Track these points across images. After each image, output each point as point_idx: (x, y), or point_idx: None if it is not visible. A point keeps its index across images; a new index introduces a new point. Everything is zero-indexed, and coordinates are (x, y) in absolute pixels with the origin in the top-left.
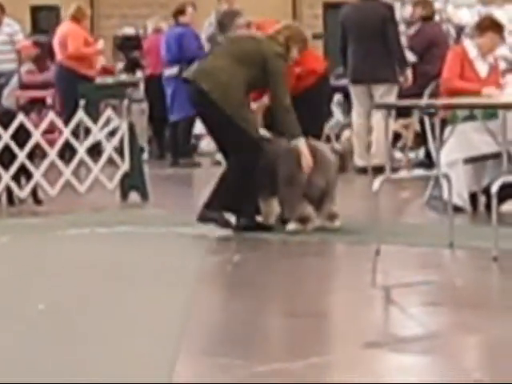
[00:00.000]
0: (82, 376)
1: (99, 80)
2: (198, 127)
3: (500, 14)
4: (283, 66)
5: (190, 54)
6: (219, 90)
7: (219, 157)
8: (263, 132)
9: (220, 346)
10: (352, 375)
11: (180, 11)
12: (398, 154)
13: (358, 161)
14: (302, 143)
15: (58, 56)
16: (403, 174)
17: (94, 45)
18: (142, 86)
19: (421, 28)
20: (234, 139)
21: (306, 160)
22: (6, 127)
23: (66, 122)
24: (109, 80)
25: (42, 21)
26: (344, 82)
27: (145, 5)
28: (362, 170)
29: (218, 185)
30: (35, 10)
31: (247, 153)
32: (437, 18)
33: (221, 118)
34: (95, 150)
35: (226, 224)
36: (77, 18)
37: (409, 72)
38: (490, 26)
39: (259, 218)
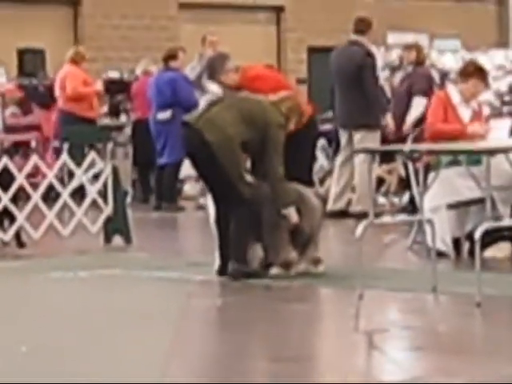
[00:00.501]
0: None
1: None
2: (183, 172)
3: (484, 59)
4: (283, 136)
5: (183, 99)
6: (223, 144)
7: (203, 201)
8: (247, 177)
9: None
10: None
11: (171, 56)
12: (381, 199)
13: (332, 204)
14: (292, 212)
15: (59, 101)
16: (387, 218)
17: (93, 85)
18: (127, 130)
19: (416, 71)
20: (228, 193)
21: (291, 220)
22: None
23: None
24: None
25: (28, 64)
26: (328, 126)
27: (129, 48)
28: (335, 214)
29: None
30: (22, 53)
31: (240, 207)
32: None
33: (217, 170)
34: (79, 194)
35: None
36: (75, 60)
37: (388, 117)
38: (473, 73)
39: None
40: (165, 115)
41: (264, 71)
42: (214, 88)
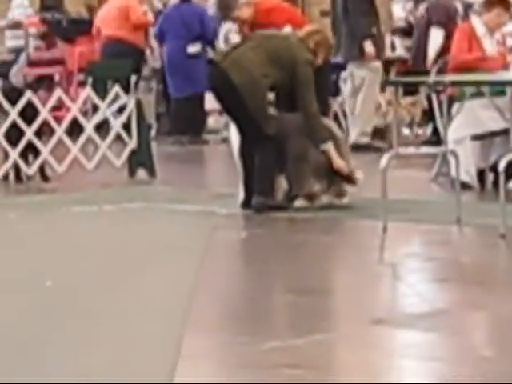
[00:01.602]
0: (86, 352)
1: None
2: (207, 105)
3: None
4: (311, 72)
5: (211, 31)
6: (248, 86)
7: (227, 134)
8: (271, 110)
9: (226, 323)
10: (357, 352)
11: None
12: (405, 131)
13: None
14: (330, 147)
15: (114, 30)
16: (411, 150)
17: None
18: (150, 63)
19: (437, 2)
20: (252, 129)
21: (337, 163)
22: (13, 104)
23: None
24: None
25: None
26: None
27: None
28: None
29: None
30: None
31: (264, 141)
32: None
33: (242, 109)
34: (103, 127)
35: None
36: None
37: (367, 44)
38: (497, 2)
39: None
40: (195, 48)
41: (278, 3)
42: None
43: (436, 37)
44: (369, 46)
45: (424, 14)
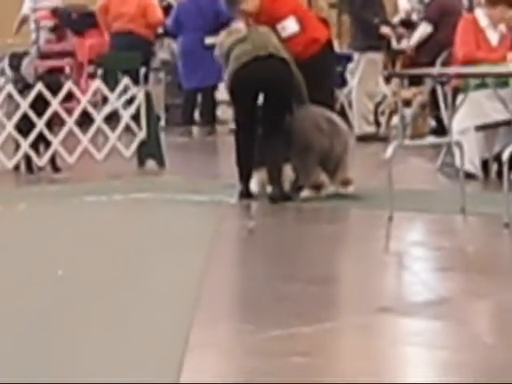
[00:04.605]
0: (102, 334)
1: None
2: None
3: None
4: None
5: (225, 22)
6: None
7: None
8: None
9: (234, 311)
10: (363, 340)
11: None
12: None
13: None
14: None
15: (131, 24)
16: (417, 141)
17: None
18: (159, 55)
19: None
20: (273, 119)
21: None
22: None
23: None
24: None
25: None
26: None
27: None
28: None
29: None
30: None
31: (278, 132)
32: None
33: (283, 97)
34: (113, 119)
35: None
36: None
37: (384, 28)
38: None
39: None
40: (213, 39)
41: None
42: None
43: (421, 30)
44: (385, 29)
45: (424, 8)
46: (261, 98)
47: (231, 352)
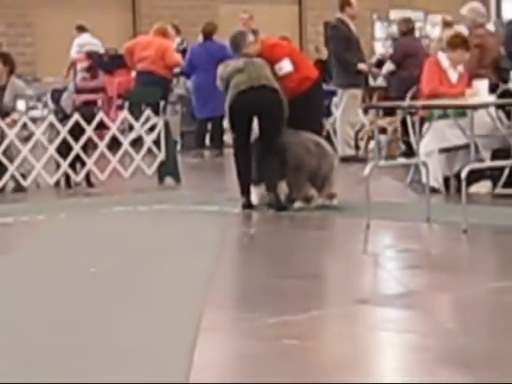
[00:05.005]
0: (131, 315)
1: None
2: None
3: (463, 29)
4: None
5: None
6: (279, 101)
7: None
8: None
9: (238, 302)
10: (345, 326)
11: (214, 29)
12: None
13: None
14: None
15: (153, 66)
16: (389, 161)
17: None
18: (176, 91)
19: (399, 41)
20: (269, 139)
21: None
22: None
23: None
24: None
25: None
26: None
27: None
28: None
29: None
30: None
31: (273, 152)
32: (417, 33)
33: (276, 122)
34: (137, 143)
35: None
36: (164, 33)
37: (361, 65)
38: (459, 44)
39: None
40: None
41: (280, 41)
42: None
43: (386, 67)
44: (362, 66)
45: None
46: (255, 123)
47: (236, 334)
